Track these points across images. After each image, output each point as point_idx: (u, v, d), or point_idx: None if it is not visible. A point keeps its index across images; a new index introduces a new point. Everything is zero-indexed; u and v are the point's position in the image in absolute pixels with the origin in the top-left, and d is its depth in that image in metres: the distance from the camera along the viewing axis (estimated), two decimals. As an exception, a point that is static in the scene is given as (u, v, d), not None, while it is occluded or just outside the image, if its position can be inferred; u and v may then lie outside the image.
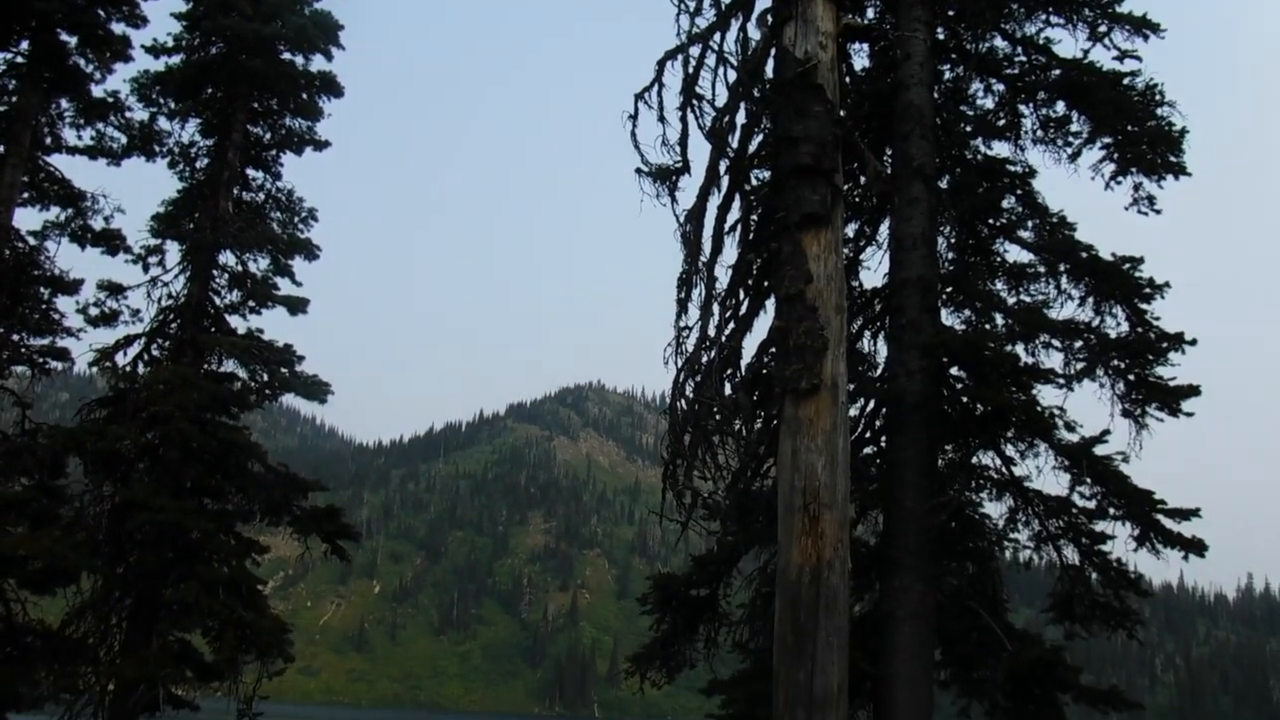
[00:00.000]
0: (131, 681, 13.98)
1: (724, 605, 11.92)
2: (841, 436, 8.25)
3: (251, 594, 14.54)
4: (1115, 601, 11.45)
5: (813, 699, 7.36)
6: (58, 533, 14.21)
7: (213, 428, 15.16)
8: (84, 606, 15.27)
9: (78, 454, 15.39)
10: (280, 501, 15.31)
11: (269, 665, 14.89)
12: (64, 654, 14.77)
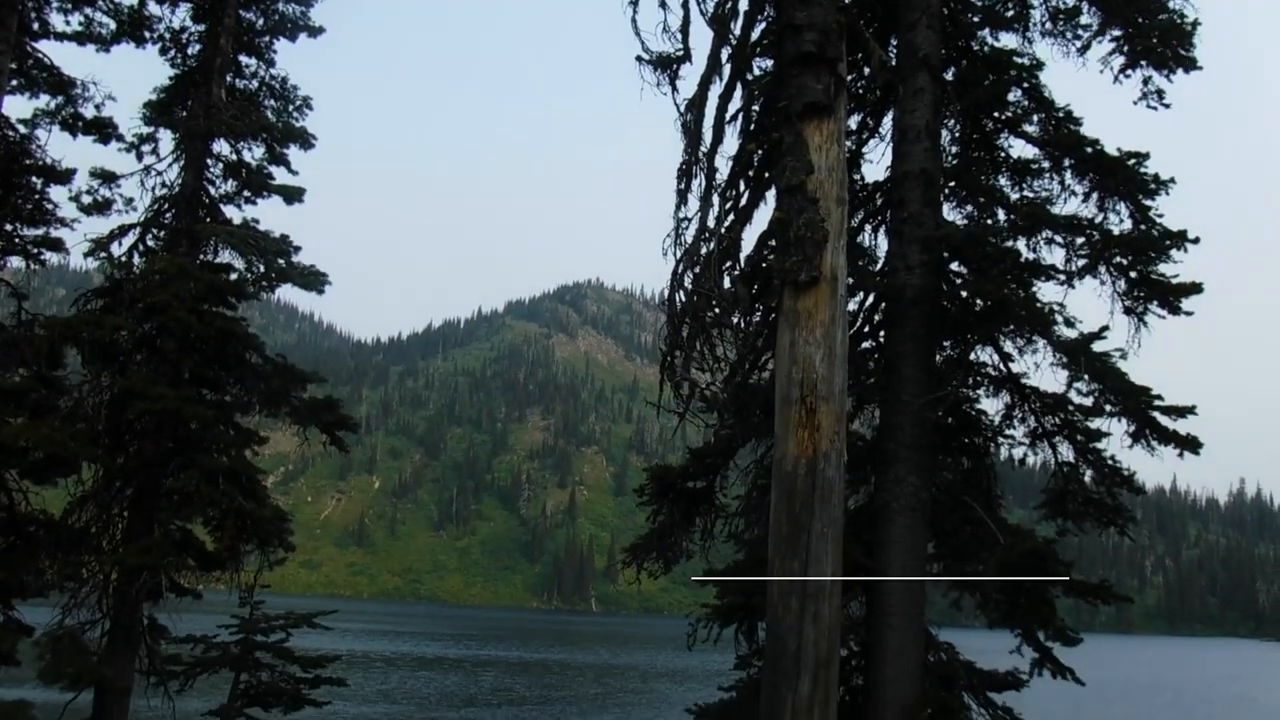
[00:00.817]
0: (134, 569, 14.15)
1: (720, 497, 12.03)
2: (840, 330, 8.22)
3: (251, 484, 14.63)
4: (1108, 499, 11.56)
5: (806, 589, 7.44)
6: (57, 423, 14.22)
7: (210, 318, 15.08)
8: (85, 496, 15.37)
9: (75, 344, 15.33)
10: (278, 392, 15.31)
11: (270, 554, 15.06)
12: (67, 543, 14.91)
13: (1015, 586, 10.67)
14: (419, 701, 53.10)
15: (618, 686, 67.21)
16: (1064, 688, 11.83)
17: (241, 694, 16.29)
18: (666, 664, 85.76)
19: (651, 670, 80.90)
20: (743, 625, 11.00)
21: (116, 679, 14.28)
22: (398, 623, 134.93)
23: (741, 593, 10.64)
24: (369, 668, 67.47)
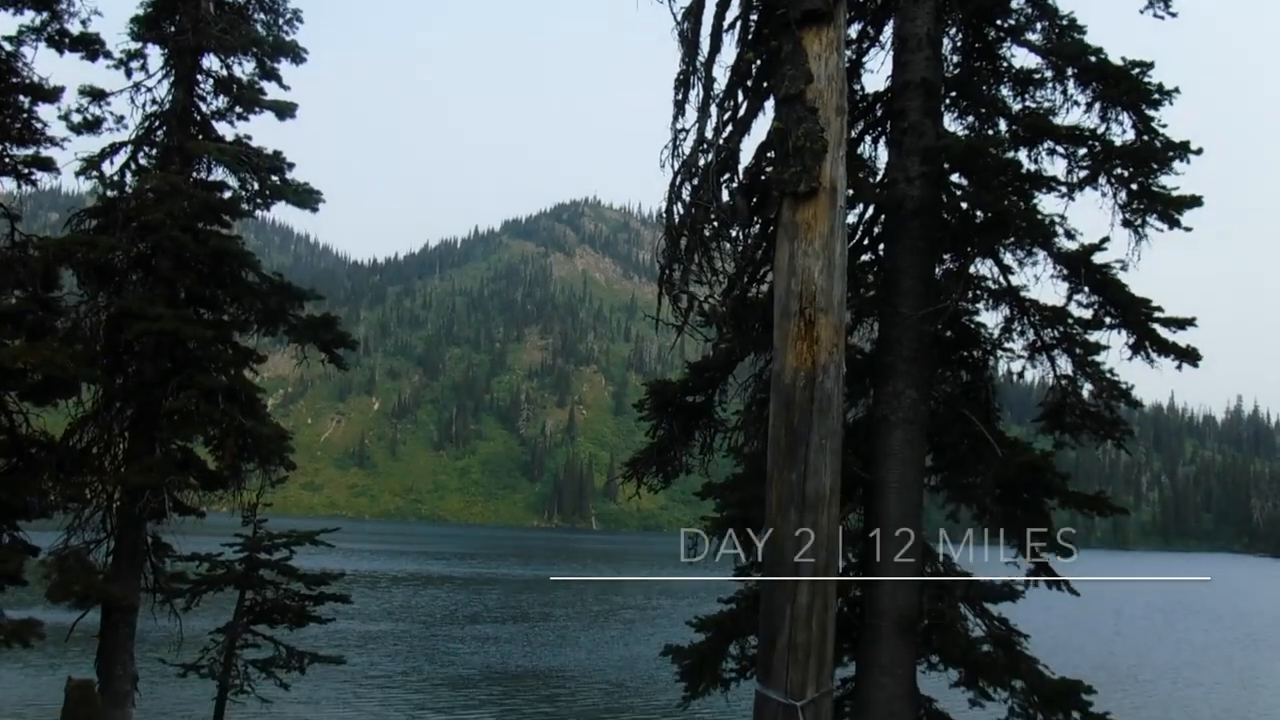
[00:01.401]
0: (137, 488, 14.25)
1: (719, 411, 12.04)
2: (839, 241, 8.15)
3: (251, 402, 14.67)
4: (1106, 412, 11.57)
5: (805, 500, 7.47)
6: (55, 344, 14.21)
7: (205, 236, 14.98)
8: (85, 417, 15.42)
9: (69, 265, 15.25)
10: (276, 311, 15.27)
11: (271, 473, 15.15)
12: (69, 464, 14.99)
13: (1012, 498, 10.74)
14: (424, 619, 53.90)
15: (620, 603, 68.20)
16: (1059, 601, 11.97)
17: (247, 611, 16.51)
18: (667, 581, 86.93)
19: (653, 587, 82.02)
20: (741, 538, 11.09)
21: (123, 597, 14.45)
22: (400, 542, 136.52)
23: (740, 505, 10.72)
24: (374, 586, 68.40)
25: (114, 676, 14.02)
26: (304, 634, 17.67)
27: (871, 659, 10.13)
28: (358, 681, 34.65)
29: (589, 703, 34.19)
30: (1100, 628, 57.09)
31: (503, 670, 39.24)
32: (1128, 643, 53.05)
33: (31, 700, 27.60)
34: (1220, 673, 43.67)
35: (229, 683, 16.18)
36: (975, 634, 11.26)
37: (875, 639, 10.13)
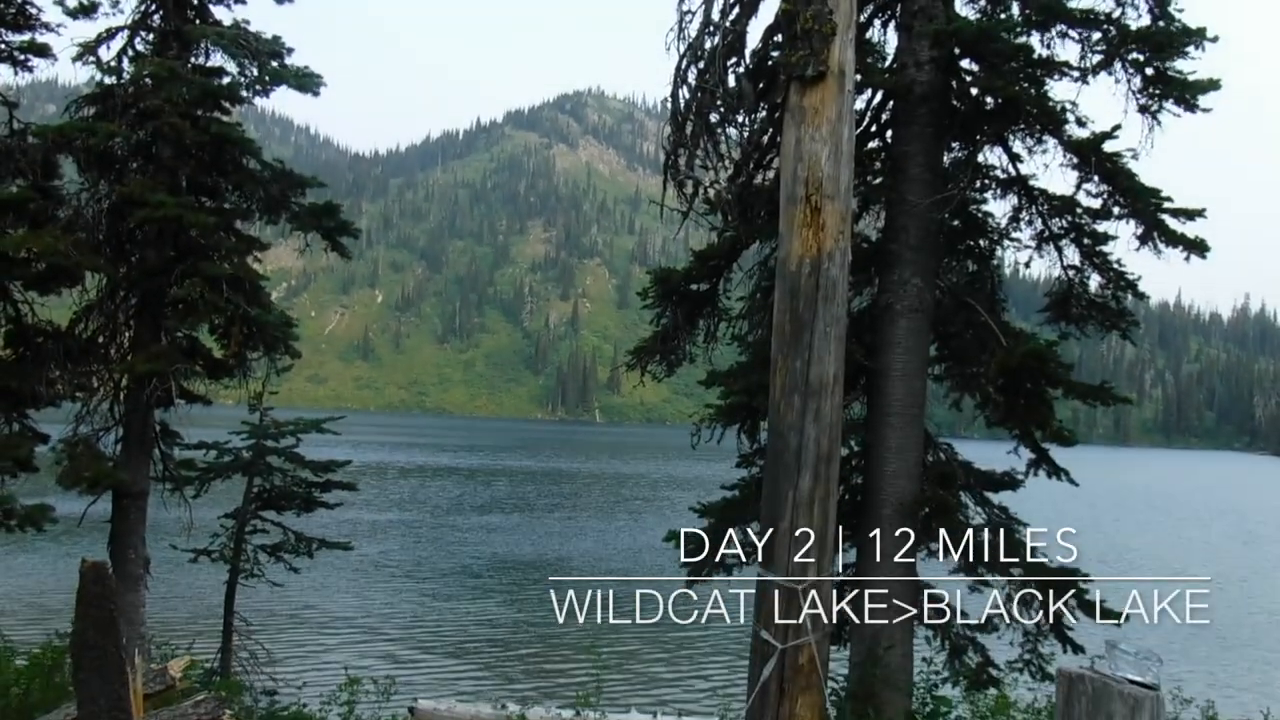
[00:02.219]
0: (144, 376, 14.29)
1: (724, 300, 12.03)
2: (847, 126, 8.03)
3: (255, 290, 14.62)
4: (1112, 302, 11.56)
5: (809, 387, 7.47)
6: (58, 232, 14.12)
7: (204, 123, 14.74)
8: (90, 306, 15.41)
9: (69, 153, 15.08)
10: (278, 198, 15.11)
11: (276, 361, 15.18)
12: (75, 353, 15.01)
13: (1015, 387, 10.78)
14: (432, 509, 54.69)
15: (627, 494, 69.10)
16: (1059, 494, 12.10)
17: (255, 498, 16.72)
18: (671, 472, 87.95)
19: (658, 478, 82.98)
20: (745, 425, 11.18)
21: (132, 483, 14.61)
22: (406, 434, 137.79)
23: (744, 393, 10.77)
24: (381, 478, 69.24)
25: (126, 560, 14.27)
26: (312, 521, 17.93)
27: (872, 545, 10.28)
28: (367, 570, 35.31)
29: (594, 587, 34.82)
30: (1101, 520, 57.84)
31: (511, 559, 39.93)
32: (1126, 535, 53.78)
33: (48, 587, 28.20)
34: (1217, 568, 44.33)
35: (239, 567, 16.47)
36: (975, 521, 11.41)
37: (876, 525, 10.26)
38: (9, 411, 14.47)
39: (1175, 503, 77.52)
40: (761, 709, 6.85)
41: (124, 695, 6.45)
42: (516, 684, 22.24)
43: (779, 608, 6.85)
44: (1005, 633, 11.48)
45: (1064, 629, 11.04)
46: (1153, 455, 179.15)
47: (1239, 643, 29.48)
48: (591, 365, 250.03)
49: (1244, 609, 34.97)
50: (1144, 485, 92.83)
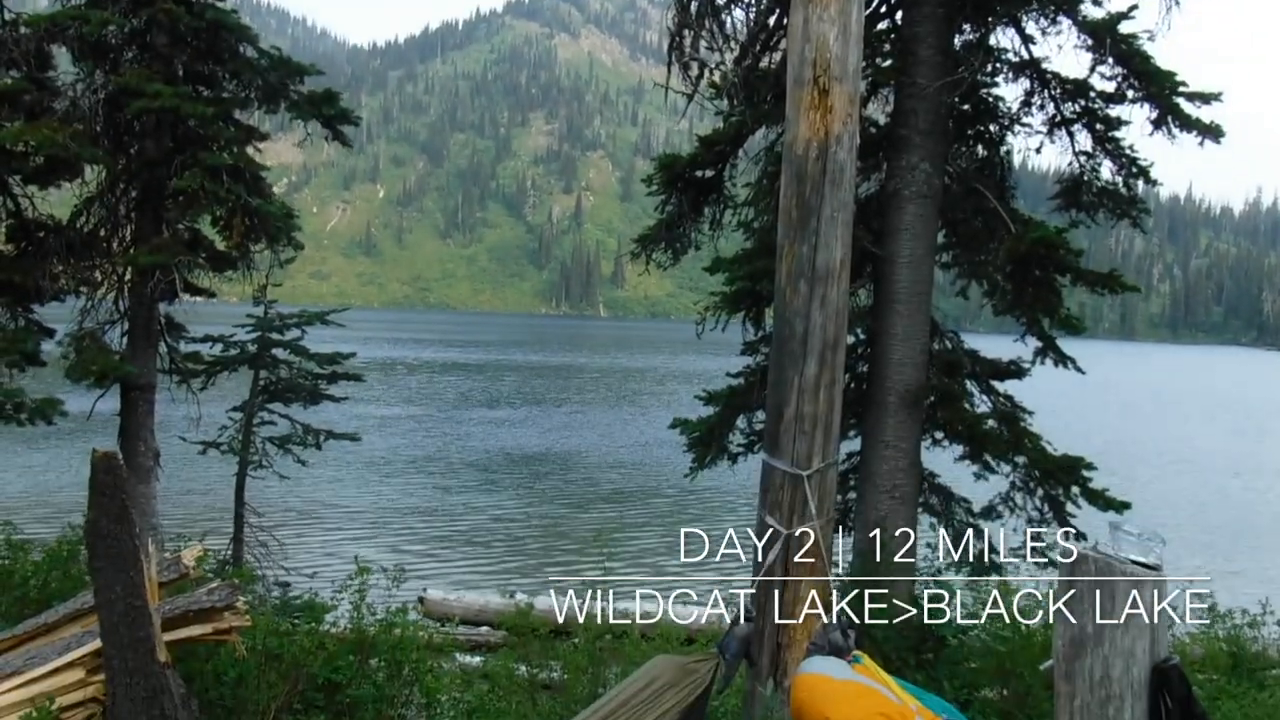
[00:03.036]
0: (147, 269, 14.24)
1: (729, 187, 11.89)
2: (856, 7, 7.78)
3: (255, 180, 14.47)
4: (1124, 189, 11.40)
5: (815, 272, 7.37)
6: (55, 124, 13.93)
7: (199, 9, 14.46)
8: (91, 199, 15.29)
9: (62, 43, 14.80)
10: (276, 87, 14.86)
11: (279, 253, 15.11)
12: (77, 247, 14.94)
13: (1023, 274, 10.70)
14: (440, 403, 55.04)
15: (634, 388, 69.44)
16: (1064, 389, 12.09)
17: (261, 390, 16.81)
18: (677, 366, 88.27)
19: (664, 372, 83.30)
20: (750, 312, 11.13)
21: (140, 376, 14.66)
22: (411, 330, 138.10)
23: (749, 279, 10.70)
24: (389, 373, 69.52)
25: (136, 453, 14.40)
26: (320, 415, 18.05)
27: (877, 432, 10.31)
28: (377, 464, 35.66)
29: (605, 481, 35.24)
30: (1106, 411, 58.14)
31: (519, 453, 40.28)
32: (1131, 425, 54.08)
33: (62, 484, 28.52)
34: (1222, 461, 44.61)
35: (248, 459, 16.63)
36: (980, 410, 11.44)
37: (881, 413, 10.28)
38: (13, 306, 14.46)
39: (1182, 397, 77.78)
40: (766, 592, 6.91)
41: (139, 582, 6.52)
42: (524, 575, 22.63)
43: (784, 493, 6.87)
44: (1008, 520, 11.60)
45: (1066, 517, 11.13)
46: (1159, 350, 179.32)
47: (1242, 534, 29.84)
48: (595, 259, 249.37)
49: (1248, 502, 35.34)
50: (1150, 380, 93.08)
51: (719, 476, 28.33)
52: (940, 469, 11.66)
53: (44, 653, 7.14)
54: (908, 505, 10.20)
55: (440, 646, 11.05)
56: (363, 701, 8.20)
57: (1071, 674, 4.37)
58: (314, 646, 8.40)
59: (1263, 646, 11.50)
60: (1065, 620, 4.43)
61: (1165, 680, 4.31)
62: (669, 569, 23.70)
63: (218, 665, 7.99)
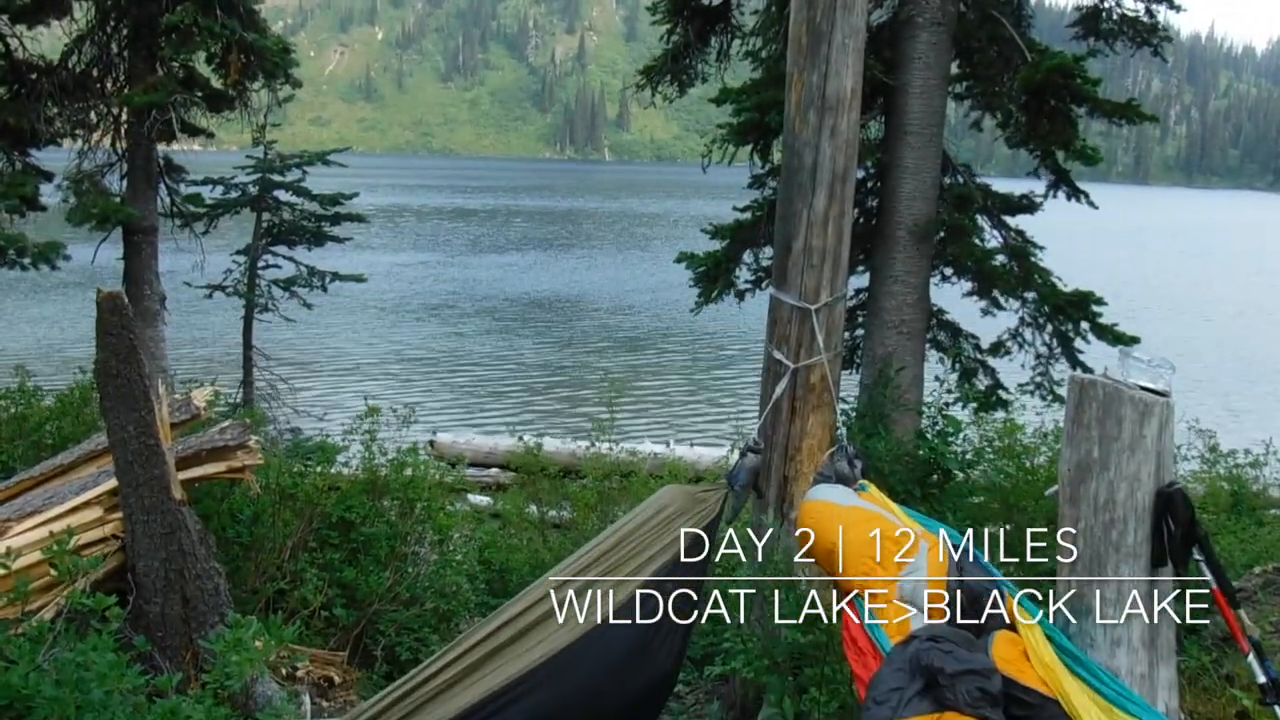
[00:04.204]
0: (142, 108, 13.98)
1: (736, 15, 11.51)
2: None
3: (249, 14, 14.09)
4: (1145, 16, 11.03)
5: (825, 101, 7.17)
6: (39, -43, 13.53)
7: None
8: (81, 37, 14.96)
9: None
10: (267, -88, 14.41)
11: (276, 91, 14.81)
12: (70, 88, 14.67)
13: (1038, 104, 10.43)
14: (448, 249, 54.84)
15: (643, 233, 69.04)
16: (1076, 229, 11.92)
17: (265, 233, 16.71)
18: (686, 211, 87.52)
19: (675, 217, 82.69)
20: (757, 144, 10.88)
21: (142, 218, 14.56)
22: (415, 176, 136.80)
23: (756, 110, 10.44)
24: (395, 220, 69.09)
25: (142, 297, 14.39)
26: (327, 260, 17.96)
27: (886, 268, 10.20)
28: (385, 310, 35.75)
29: (614, 325, 35.32)
30: (1118, 253, 57.76)
31: (529, 298, 40.31)
32: (1143, 268, 53.79)
33: (70, 337, 28.65)
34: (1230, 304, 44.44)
35: (254, 302, 16.63)
36: (991, 245, 11.31)
37: (890, 247, 10.16)
38: (9, 150, 14.29)
39: (1195, 241, 77.09)
40: (773, 427, 6.93)
41: (150, 421, 6.54)
42: (533, 419, 22.87)
43: (791, 327, 6.83)
44: (1016, 356, 11.59)
45: (1074, 352, 11.11)
46: (1173, 194, 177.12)
47: (1249, 376, 29.92)
48: (600, 102, 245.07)
49: (1256, 345, 35.34)
50: (1163, 223, 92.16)
51: (726, 319, 28.34)
52: (948, 305, 11.60)
53: (61, 492, 7.23)
54: (915, 341, 10.16)
55: (451, 487, 11.24)
56: (376, 539, 8.36)
57: (1076, 498, 4.39)
58: (327, 486, 8.52)
59: (1263, 486, 11.64)
60: (1071, 445, 4.42)
61: (1169, 504, 4.32)
62: (677, 412, 23.95)
63: (233, 505, 8.12)
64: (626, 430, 18.57)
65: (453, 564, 9.08)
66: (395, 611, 8.10)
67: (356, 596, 8.07)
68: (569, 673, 3.68)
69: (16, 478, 7.72)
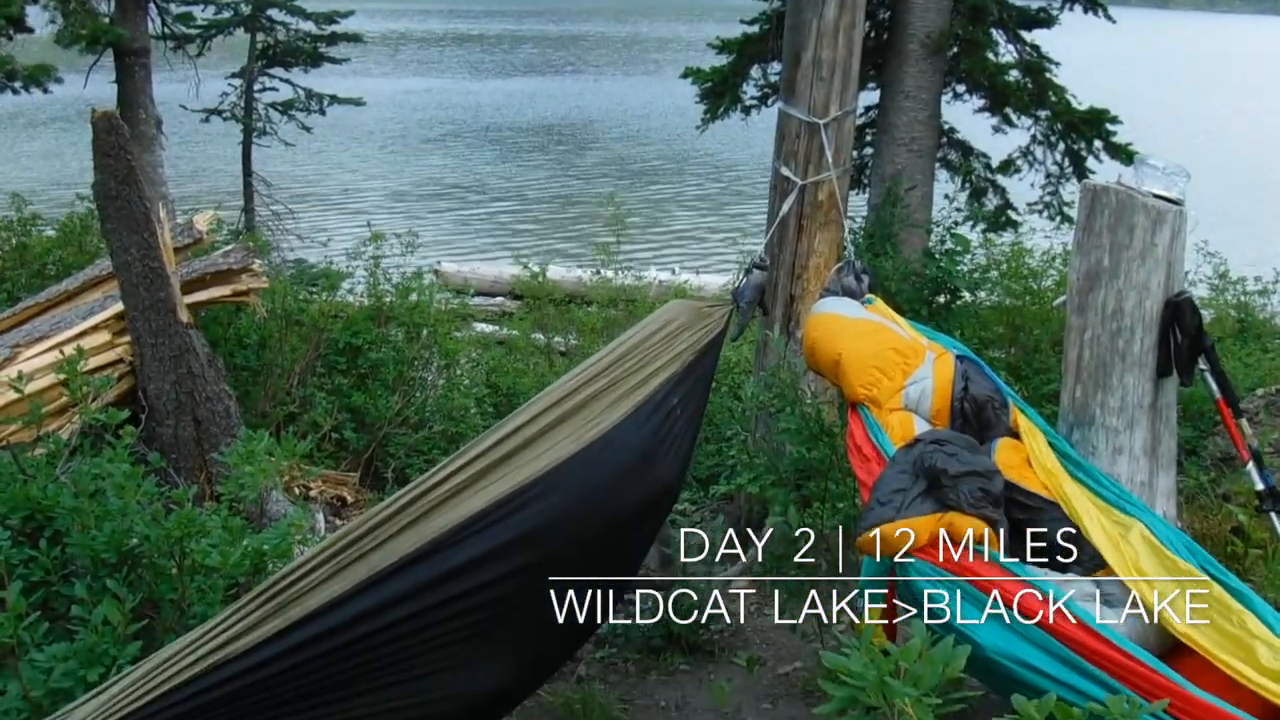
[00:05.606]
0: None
1: None
2: None
3: None
4: None
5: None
6: None
7: None
8: None
9: None
10: None
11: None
12: None
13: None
14: (451, 75, 53.64)
15: (651, 58, 67.33)
16: (1093, 52, 11.54)
17: (260, 55, 16.30)
18: (695, 34, 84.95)
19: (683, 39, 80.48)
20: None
21: (133, 39, 14.16)
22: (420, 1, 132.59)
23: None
24: (395, 46, 67.32)
25: (138, 120, 14.09)
26: (325, 83, 17.57)
27: (897, 83, 9.94)
28: (388, 137, 35.17)
29: (622, 152, 34.78)
30: (1136, 77, 56.27)
31: (533, 124, 39.61)
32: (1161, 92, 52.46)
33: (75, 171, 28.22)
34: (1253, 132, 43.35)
35: (251, 126, 16.35)
36: (1005, 59, 11.00)
37: (902, 61, 9.87)
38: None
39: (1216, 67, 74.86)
40: (780, 245, 6.89)
41: (153, 244, 6.51)
42: (538, 248, 22.72)
43: (800, 142, 6.71)
44: (1027, 175, 11.43)
45: (1086, 171, 10.93)
46: (1195, 18, 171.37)
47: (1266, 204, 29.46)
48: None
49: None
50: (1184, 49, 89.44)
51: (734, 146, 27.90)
52: (959, 122, 11.36)
53: (68, 318, 7.26)
54: (925, 159, 9.97)
55: (457, 313, 11.26)
56: (384, 364, 8.42)
57: (1084, 307, 4.36)
58: (333, 312, 8.54)
59: (1271, 314, 11.60)
60: (1081, 253, 4.37)
61: (1178, 313, 4.30)
62: (683, 240, 23.81)
63: (240, 331, 8.16)
64: (632, 258, 18.48)
65: (460, 388, 9.16)
66: (404, 435, 8.22)
67: (366, 420, 8.18)
68: (573, 481, 3.72)
69: (22, 304, 7.75)
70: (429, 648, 3.56)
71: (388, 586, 3.44)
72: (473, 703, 3.72)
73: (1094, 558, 3.65)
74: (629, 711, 4.73)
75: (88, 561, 3.83)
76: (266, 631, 3.32)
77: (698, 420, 4.39)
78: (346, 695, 3.49)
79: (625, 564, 4.43)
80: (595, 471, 3.77)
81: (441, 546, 3.51)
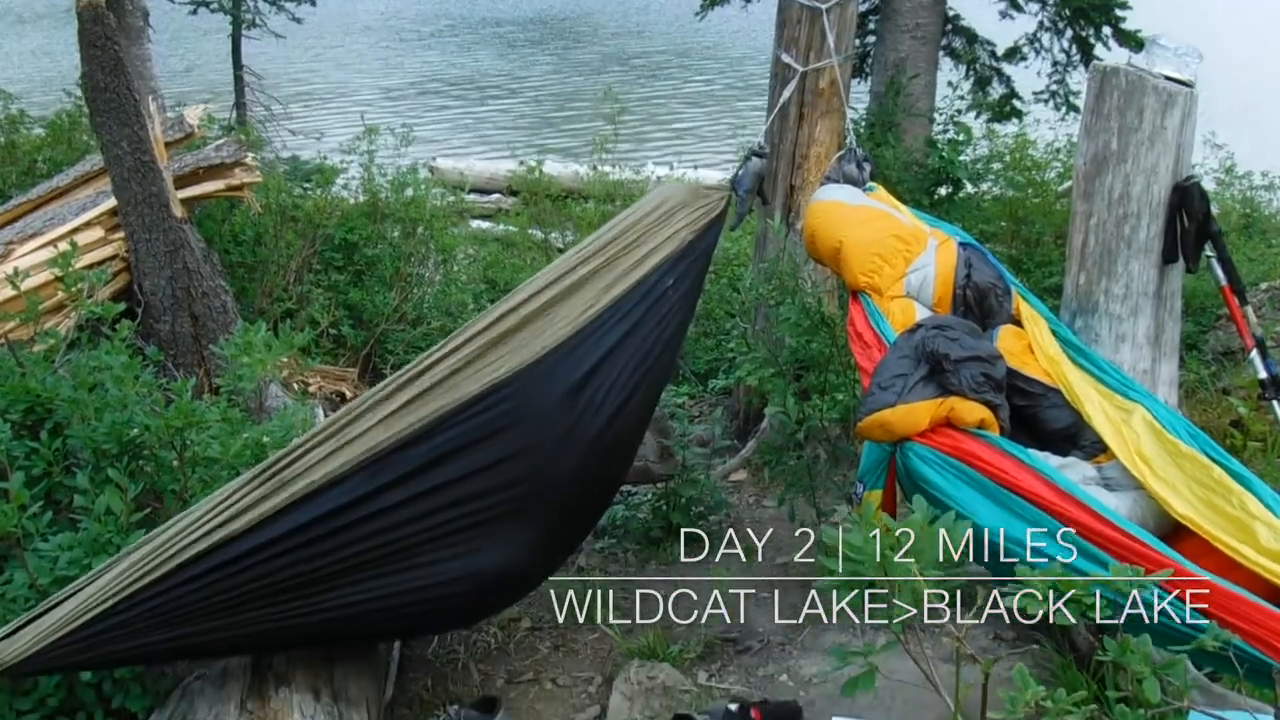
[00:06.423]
0: None
1: None
2: None
3: None
4: None
5: None
6: None
7: None
8: None
9: None
10: None
11: None
12: None
13: None
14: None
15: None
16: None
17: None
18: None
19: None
20: None
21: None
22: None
23: None
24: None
25: (124, 11, 13.70)
26: None
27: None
28: (380, 32, 34.52)
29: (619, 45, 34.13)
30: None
31: (529, 17, 38.81)
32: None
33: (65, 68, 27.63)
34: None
35: (240, 17, 15.99)
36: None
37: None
38: None
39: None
40: (780, 133, 6.77)
41: (144, 137, 6.40)
42: (534, 144, 22.37)
43: (801, 28, 6.55)
44: (1033, 63, 11.20)
45: (1094, 59, 10.70)
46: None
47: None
48: None
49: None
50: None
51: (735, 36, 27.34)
52: (964, 9, 11.10)
53: (61, 214, 7.17)
54: (930, 46, 9.73)
55: (454, 209, 11.13)
56: (380, 260, 8.35)
57: (1090, 193, 4.30)
58: (329, 207, 8.44)
59: (1276, 210, 11.48)
60: (1089, 137, 4.29)
61: (1185, 198, 4.24)
62: (681, 135, 23.48)
63: (235, 227, 8.08)
64: (631, 156, 18.24)
65: (457, 283, 9.11)
66: (402, 331, 8.19)
67: (363, 317, 8.13)
68: (568, 364, 3.70)
69: (14, 201, 7.64)
70: (435, 535, 3.57)
71: (388, 465, 3.44)
72: (480, 582, 3.71)
73: (1095, 443, 3.66)
74: (628, 601, 4.77)
75: (89, 453, 3.84)
76: (268, 509, 3.33)
77: (691, 301, 4.32)
78: (349, 582, 3.50)
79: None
80: (588, 356, 3.75)
81: (440, 428, 3.51)
